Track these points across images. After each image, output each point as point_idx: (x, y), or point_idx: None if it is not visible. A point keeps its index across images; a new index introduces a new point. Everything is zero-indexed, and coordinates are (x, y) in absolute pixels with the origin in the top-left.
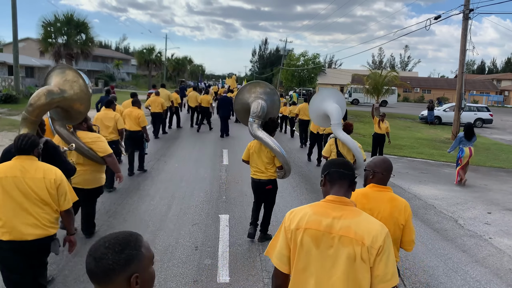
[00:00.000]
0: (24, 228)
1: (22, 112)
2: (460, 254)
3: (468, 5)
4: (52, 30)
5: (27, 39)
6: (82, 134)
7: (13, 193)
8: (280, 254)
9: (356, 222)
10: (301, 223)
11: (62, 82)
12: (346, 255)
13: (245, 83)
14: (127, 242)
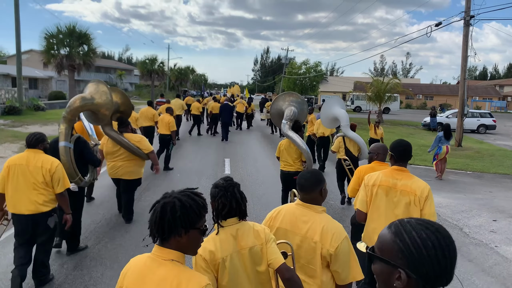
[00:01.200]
0: (22, 205)
1: (63, 112)
2: (466, 263)
3: (469, 12)
4: (54, 42)
5: (30, 51)
6: (128, 136)
7: (18, 177)
8: (362, 201)
9: (411, 182)
10: (376, 181)
11: (95, 92)
12: (404, 202)
13: (277, 95)
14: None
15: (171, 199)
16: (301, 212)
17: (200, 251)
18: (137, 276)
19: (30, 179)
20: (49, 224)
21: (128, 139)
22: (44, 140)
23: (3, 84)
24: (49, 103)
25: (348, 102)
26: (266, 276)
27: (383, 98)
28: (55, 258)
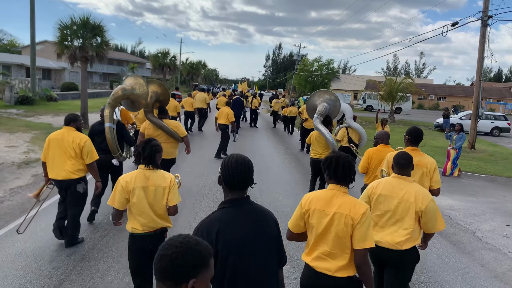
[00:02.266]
0: (57, 172)
1: (107, 99)
2: (478, 269)
3: (487, 12)
4: (68, 33)
5: (45, 41)
6: (167, 122)
7: (55, 149)
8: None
9: (423, 158)
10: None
11: (134, 84)
12: (419, 173)
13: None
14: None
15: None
16: (398, 182)
17: (120, 179)
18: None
19: (63, 151)
20: (78, 189)
21: (167, 124)
22: (76, 120)
23: (17, 74)
24: (61, 94)
25: (359, 100)
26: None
27: (396, 97)
28: (63, 248)
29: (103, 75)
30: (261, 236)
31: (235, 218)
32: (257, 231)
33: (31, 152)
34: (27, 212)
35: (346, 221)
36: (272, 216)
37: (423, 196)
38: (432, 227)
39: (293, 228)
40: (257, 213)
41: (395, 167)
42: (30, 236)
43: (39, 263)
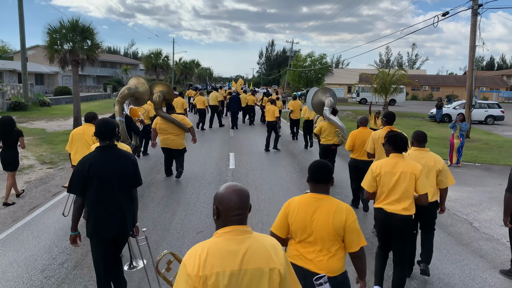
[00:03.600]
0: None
1: (117, 98)
2: (477, 260)
3: (477, 0)
4: (57, 37)
5: (36, 46)
6: (175, 116)
7: (78, 142)
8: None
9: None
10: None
11: (137, 83)
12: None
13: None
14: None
15: None
16: (419, 153)
17: None
18: None
19: (84, 143)
20: None
21: (175, 118)
22: (95, 117)
23: (10, 80)
24: (54, 99)
25: (353, 94)
26: None
27: (389, 89)
28: (55, 256)
29: (96, 78)
30: (119, 168)
31: (102, 157)
32: (116, 165)
33: (24, 158)
34: (66, 197)
35: (411, 176)
36: (131, 158)
37: (438, 159)
38: (446, 182)
39: (368, 188)
40: (119, 155)
41: (415, 142)
42: (22, 245)
43: (31, 273)
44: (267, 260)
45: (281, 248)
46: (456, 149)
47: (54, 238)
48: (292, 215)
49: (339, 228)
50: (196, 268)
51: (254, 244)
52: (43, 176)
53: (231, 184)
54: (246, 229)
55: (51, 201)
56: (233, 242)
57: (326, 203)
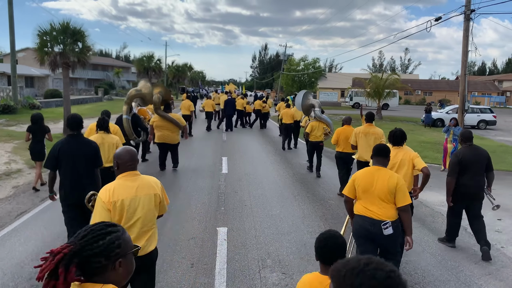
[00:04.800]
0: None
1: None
2: (472, 266)
3: (469, 6)
4: (48, 39)
5: (26, 49)
6: (172, 115)
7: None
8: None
9: (375, 129)
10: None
11: (143, 86)
12: (373, 138)
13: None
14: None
15: None
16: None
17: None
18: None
19: (108, 150)
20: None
21: (173, 116)
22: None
23: None
24: (44, 102)
25: (347, 98)
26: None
27: (382, 94)
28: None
29: (88, 81)
30: (82, 152)
31: (70, 143)
32: (80, 149)
33: (12, 162)
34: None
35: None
36: (93, 144)
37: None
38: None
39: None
40: (83, 142)
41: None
42: (8, 252)
43: (17, 281)
44: (152, 189)
45: (159, 183)
46: (449, 153)
47: (42, 245)
48: (358, 181)
49: (392, 188)
50: (108, 197)
51: (143, 181)
52: (32, 180)
53: (125, 147)
54: (136, 173)
55: (39, 207)
56: (130, 181)
57: (384, 172)
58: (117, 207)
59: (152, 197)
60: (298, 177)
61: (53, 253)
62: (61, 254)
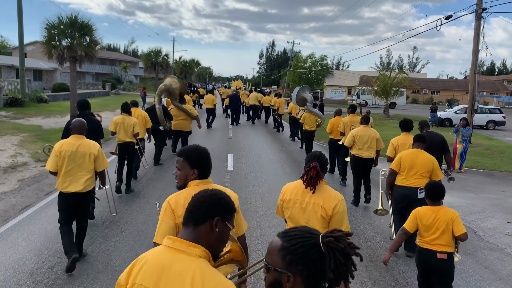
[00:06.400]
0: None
1: (156, 91)
2: (482, 271)
3: (481, 4)
4: (55, 33)
5: (35, 42)
6: (185, 106)
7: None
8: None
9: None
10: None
11: (171, 81)
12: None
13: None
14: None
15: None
16: (365, 129)
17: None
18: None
19: (126, 128)
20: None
21: (186, 108)
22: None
23: (8, 75)
24: (52, 95)
25: (354, 96)
26: None
27: (390, 92)
28: (45, 260)
29: (95, 75)
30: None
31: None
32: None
33: (18, 155)
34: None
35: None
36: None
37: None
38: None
39: (390, 153)
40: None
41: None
42: (11, 246)
43: (18, 277)
44: (88, 148)
45: (99, 148)
46: (458, 154)
47: (45, 240)
48: (404, 158)
49: (430, 168)
50: (58, 148)
51: (84, 142)
52: (37, 174)
53: (78, 119)
54: (81, 137)
55: (44, 201)
56: (75, 140)
57: (423, 154)
58: (61, 155)
59: (87, 153)
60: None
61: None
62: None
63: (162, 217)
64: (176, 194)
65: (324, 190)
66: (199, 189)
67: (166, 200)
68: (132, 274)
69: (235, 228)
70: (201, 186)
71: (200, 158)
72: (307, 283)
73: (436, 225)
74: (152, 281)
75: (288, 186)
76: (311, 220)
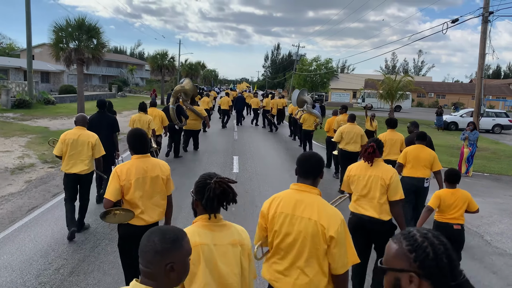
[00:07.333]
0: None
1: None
2: (490, 277)
3: (488, 8)
4: (63, 35)
5: (43, 44)
6: (195, 107)
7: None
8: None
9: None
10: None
11: (187, 83)
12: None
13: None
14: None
15: None
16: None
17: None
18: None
19: (142, 125)
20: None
21: (196, 108)
22: (146, 108)
23: (16, 77)
24: (59, 97)
25: (359, 99)
26: None
27: (395, 96)
28: (51, 261)
29: (102, 77)
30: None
31: (97, 116)
32: (104, 120)
33: (26, 157)
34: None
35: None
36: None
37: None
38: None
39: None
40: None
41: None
42: (18, 248)
43: (25, 278)
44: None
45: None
46: (465, 158)
47: (52, 241)
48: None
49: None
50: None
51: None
52: (44, 175)
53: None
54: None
55: (51, 202)
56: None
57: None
58: (65, 142)
59: (86, 142)
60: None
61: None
62: (373, 144)
63: (111, 180)
64: (122, 165)
65: (381, 166)
66: (137, 162)
67: (114, 168)
68: (272, 207)
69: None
70: (139, 159)
71: (129, 141)
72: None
73: (456, 203)
74: (290, 209)
75: (353, 166)
76: (372, 189)
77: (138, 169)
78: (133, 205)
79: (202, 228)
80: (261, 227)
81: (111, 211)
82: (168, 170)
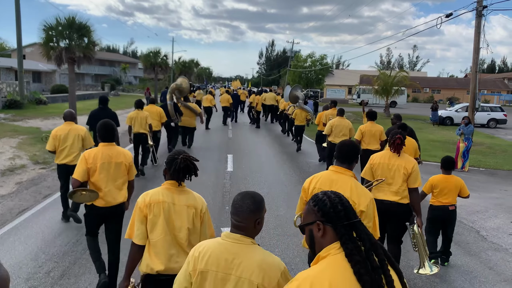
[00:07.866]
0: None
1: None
2: (486, 272)
3: (482, 2)
4: (53, 34)
5: (34, 44)
6: (190, 104)
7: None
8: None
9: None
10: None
11: (182, 81)
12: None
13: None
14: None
15: None
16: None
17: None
18: None
19: (140, 121)
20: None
21: (190, 105)
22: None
23: (6, 77)
24: (51, 97)
25: (354, 95)
26: None
27: (390, 91)
28: (42, 264)
29: (94, 77)
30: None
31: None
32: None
33: (17, 158)
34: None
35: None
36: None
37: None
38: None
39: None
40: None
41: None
42: (7, 251)
43: (15, 282)
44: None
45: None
46: (461, 153)
47: (42, 244)
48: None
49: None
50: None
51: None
52: (35, 176)
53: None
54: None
55: (41, 204)
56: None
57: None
58: (57, 137)
59: (76, 135)
60: (305, 176)
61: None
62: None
63: (79, 163)
64: (90, 150)
65: (405, 156)
66: (104, 149)
67: (83, 153)
68: (312, 183)
69: None
70: (105, 146)
71: (98, 130)
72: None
73: (449, 188)
74: (327, 186)
75: (376, 155)
76: (395, 176)
77: (104, 154)
78: (97, 187)
79: (167, 190)
80: (302, 200)
81: (78, 190)
82: (131, 157)
